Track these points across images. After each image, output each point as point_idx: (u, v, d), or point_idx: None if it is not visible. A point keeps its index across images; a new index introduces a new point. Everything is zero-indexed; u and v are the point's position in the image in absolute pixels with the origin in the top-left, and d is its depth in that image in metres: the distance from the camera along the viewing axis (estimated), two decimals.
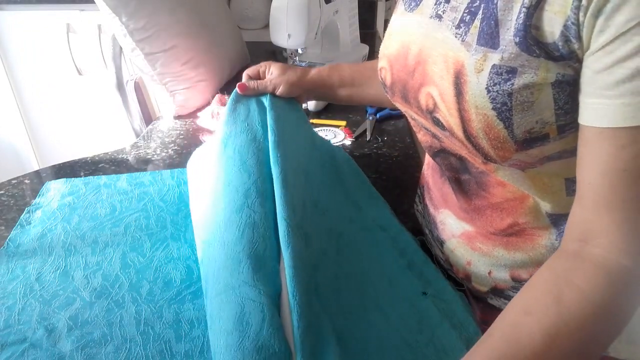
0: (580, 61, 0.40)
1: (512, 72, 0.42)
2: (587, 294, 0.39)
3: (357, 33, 1.44)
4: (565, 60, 0.40)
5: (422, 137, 0.62)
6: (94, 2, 1.03)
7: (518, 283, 0.57)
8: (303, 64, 1.25)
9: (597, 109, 0.39)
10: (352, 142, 1.01)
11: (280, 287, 0.51)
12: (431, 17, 0.50)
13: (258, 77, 0.78)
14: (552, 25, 0.39)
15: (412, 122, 0.62)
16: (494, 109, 0.44)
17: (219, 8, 1.39)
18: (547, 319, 0.40)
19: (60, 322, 0.57)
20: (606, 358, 0.55)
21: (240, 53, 1.46)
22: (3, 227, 0.75)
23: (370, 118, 1.08)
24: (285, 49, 1.45)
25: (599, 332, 0.40)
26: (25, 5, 1.74)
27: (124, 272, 0.64)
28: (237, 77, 1.43)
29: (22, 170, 1.54)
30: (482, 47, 0.44)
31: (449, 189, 0.62)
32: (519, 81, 0.42)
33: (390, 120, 1.10)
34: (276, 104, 0.71)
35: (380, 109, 1.10)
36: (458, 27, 0.47)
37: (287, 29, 1.12)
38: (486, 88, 0.44)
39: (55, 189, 0.84)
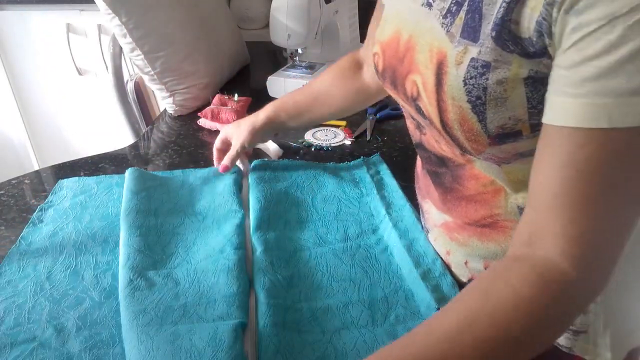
0: (552, 58, 0.40)
1: (486, 66, 0.43)
2: (516, 288, 0.39)
3: (357, 33, 1.44)
4: (539, 58, 0.40)
5: (408, 124, 0.63)
6: (94, 2, 1.04)
7: None
8: (303, 64, 1.25)
9: (559, 107, 0.38)
10: (352, 142, 1.01)
11: (247, 318, 0.57)
12: (422, 4, 0.50)
13: (225, 144, 0.87)
14: (529, 21, 0.39)
15: (402, 109, 0.63)
16: (469, 101, 0.45)
17: (219, 8, 1.39)
18: (467, 305, 0.39)
19: (69, 322, 0.57)
20: (572, 356, 0.56)
21: (240, 53, 1.46)
22: (3, 227, 0.75)
23: (371, 118, 1.08)
24: (285, 49, 1.45)
25: (522, 329, 0.38)
26: (25, 5, 1.74)
27: None
28: (237, 77, 1.43)
29: (22, 170, 1.54)
30: (465, 40, 0.44)
31: (429, 181, 0.63)
32: (492, 76, 0.42)
33: (390, 120, 1.10)
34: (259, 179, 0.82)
35: (380, 109, 1.10)
36: (445, 17, 0.47)
37: (287, 29, 1.12)
38: (463, 80, 0.44)
39: (67, 187, 0.84)
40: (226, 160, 0.84)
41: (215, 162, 0.89)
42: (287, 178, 0.83)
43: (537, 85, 0.42)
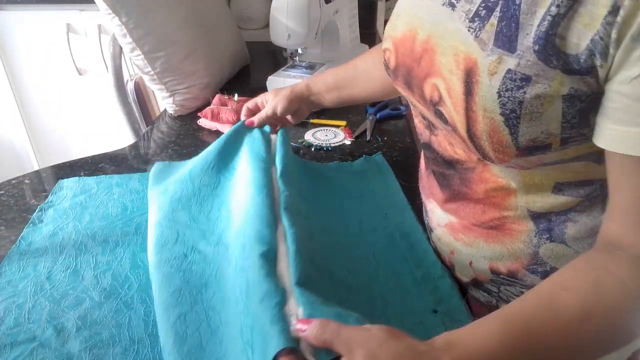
0: (597, 78, 0.39)
1: (526, 80, 0.41)
2: (626, 283, 0.40)
3: (357, 33, 1.44)
4: (582, 75, 0.39)
5: (417, 123, 0.62)
6: (94, 2, 1.03)
7: (496, 276, 0.58)
8: (303, 64, 1.25)
9: (634, 137, 0.38)
10: (352, 142, 1.01)
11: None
12: (443, 4, 0.48)
13: (257, 108, 0.85)
14: (579, 37, 0.38)
15: (411, 106, 0.61)
16: (502, 114, 0.43)
17: (219, 8, 1.39)
18: (585, 296, 0.40)
19: (69, 322, 0.57)
20: None
21: (240, 53, 1.46)
22: (3, 227, 0.75)
23: (371, 118, 1.08)
24: (285, 49, 1.45)
25: (632, 320, 0.40)
26: (25, 5, 1.74)
27: (134, 273, 0.64)
28: (237, 77, 1.43)
29: (22, 170, 1.54)
30: (499, 50, 0.42)
31: (433, 182, 0.63)
32: (531, 90, 0.41)
33: (390, 120, 1.10)
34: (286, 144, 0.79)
35: (380, 109, 1.10)
36: (472, 20, 0.44)
37: (287, 29, 1.12)
38: (497, 92, 0.42)
39: (67, 187, 0.84)
40: (255, 117, 0.81)
41: (242, 117, 0.85)
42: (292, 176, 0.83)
43: (575, 101, 0.41)
